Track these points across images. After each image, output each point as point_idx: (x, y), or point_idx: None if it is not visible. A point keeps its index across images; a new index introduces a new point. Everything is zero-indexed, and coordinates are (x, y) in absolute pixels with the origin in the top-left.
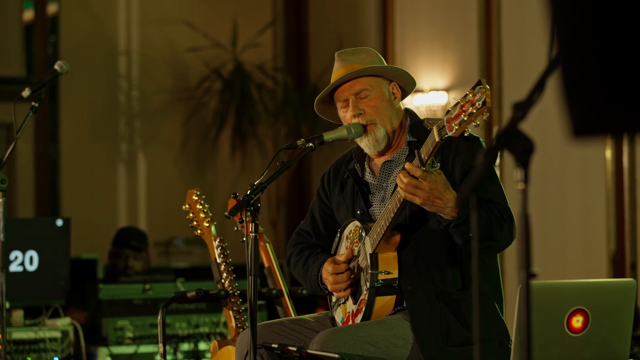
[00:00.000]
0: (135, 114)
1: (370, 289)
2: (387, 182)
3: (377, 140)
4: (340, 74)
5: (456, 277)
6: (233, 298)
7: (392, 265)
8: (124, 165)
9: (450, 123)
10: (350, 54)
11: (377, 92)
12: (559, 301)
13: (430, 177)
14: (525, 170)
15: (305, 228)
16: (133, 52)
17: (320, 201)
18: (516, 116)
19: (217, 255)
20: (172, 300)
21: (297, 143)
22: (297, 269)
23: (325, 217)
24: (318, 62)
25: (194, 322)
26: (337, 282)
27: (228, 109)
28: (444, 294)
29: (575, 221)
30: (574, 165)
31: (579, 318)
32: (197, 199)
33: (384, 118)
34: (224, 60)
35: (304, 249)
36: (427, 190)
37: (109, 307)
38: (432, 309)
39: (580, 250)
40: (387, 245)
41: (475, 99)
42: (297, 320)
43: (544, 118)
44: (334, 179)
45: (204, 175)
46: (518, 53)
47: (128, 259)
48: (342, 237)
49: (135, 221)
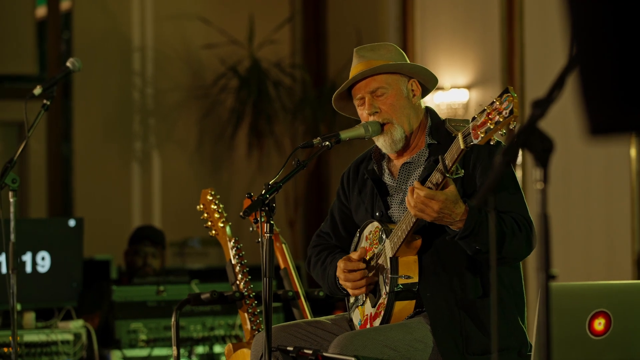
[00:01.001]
0: (149, 112)
1: (389, 293)
2: (407, 184)
3: (393, 140)
4: (358, 71)
5: (477, 284)
6: (248, 300)
7: (413, 269)
8: (138, 164)
9: (476, 130)
10: (369, 50)
11: (394, 90)
12: (580, 303)
13: (439, 196)
14: (544, 170)
15: (325, 229)
16: (147, 48)
17: (340, 202)
18: (535, 114)
19: (232, 257)
20: (185, 302)
21: (314, 142)
22: (316, 270)
23: (344, 218)
24: (336, 59)
25: (209, 324)
26: (349, 279)
27: (244, 107)
28: (463, 302)
29: (599, 221)
30: (598, 164)
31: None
32: (212, 199)
33: (401, 117)
34: (240, 57)
35: (323, 250)
36: (436, 210)
37: (122, 309)
38: (452, 316)
39: (604, 251)
40: (407, 249)
41: (503, 107)
42: (314, 323)
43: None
44: (354, 180)
45: (219, 175)
46: (541, 50)
47: (147, 257)
48: (362, 237)
49: (149, 221)
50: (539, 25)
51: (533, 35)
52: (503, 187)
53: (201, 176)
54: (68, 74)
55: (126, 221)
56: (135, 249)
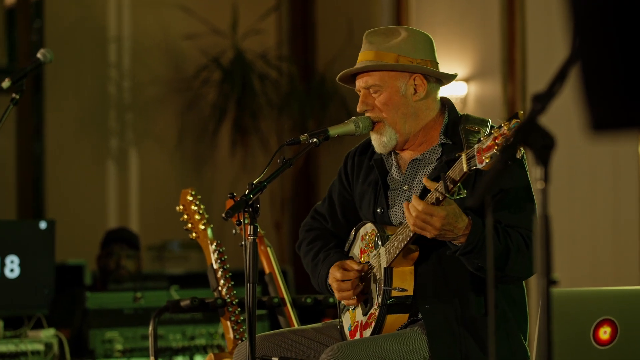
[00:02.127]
0: (126, 107)
1: (381, 306)
2: (413, 183)
3: (382, 142)
4: (362, 59)
5: (480, 301)
6: (231, 307)
7: (408, 281)
8: (114, 162)
9: (481, 155)
10: (381, 35)
11: (390, 89)
12: (585, 310)
13: (439, 211)
14: (545, 168)
15: (322, 211)
16: (124, 38)
17: (341, 184)
18: (536, 109)
19: (214, 261)
20: (164, 310)
21: (301, 138)
22: (306, 260)
23: (344, 202)
24: (326, 51)
25: (189, 333)
26: (342, 289)
27: (228, 102)
28: (465, 319)
29: (605, 223)
30: (604, 163)
31: (607, 329)
32: (192, 199)
33: (394, 116)
34: (224, 48)
35: (317, 239)
36: (438, 228)
37: (97, 317)
38: (452, 333)
39: (611, 255)
40: (404, 259)
41: (510, 133)
42: (300, 332)
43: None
44: (359, 165)
45: (201, 174)
46: (544, 40)
47: (120, 259)
48: (357, 236)
49: (126, 223)
50: (542, 14)
51: (535, 24)
52: (516, 199)
53: (181, 175)
54: (39, 65)
55: (101, 223)
56: (108, 251)
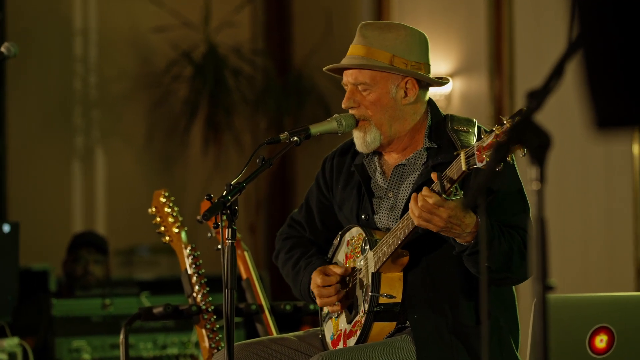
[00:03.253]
0: (92, 103)
1: (368, 313)
2: (399, 189)
3: (365, 141)
4: (352, 53)
5: (471, 309)
6: (206, 314)
7: (396, 287)
8: (79, 161)
9: (481, 153)
10: (376, 30)
11: (380, 90)
12: (580, 318)
13: (449, 203)
14: (541, 168)
15: (299, 219)
16: (91, 31)
17: (319, 190)
18: (531, 106)
19: (188, 266)
20: (136, 317)
21: (280, 137)
22: (285, 269)
23: (322, 209)
24: (303, 44)
25: (161, 342)
26: (323, 295)
27: (200, 98)
28: (456, 328)
29: (597, 227)
30: (597, 163)
31: (603, 337)
32: (166, 201)
33: (380, 118)
34: (195, 41)
35: (295, 247)
36: (444, 219)
37: (63, 325)
38: (442, 342)
39: (604, 259)
40: (392, 265)
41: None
42: (280, 340)
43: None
44: (338, 169)
45: (171, 174)
46: (533, 34)
47: (88, 264)
48: (343, 241)
49: (92, 226)
50: (531, 6)
51: (524, 16)
52: (512, 200)
53: (151, 175)
54: (3, 60)
55: (66, 226)
56: (74, 256)
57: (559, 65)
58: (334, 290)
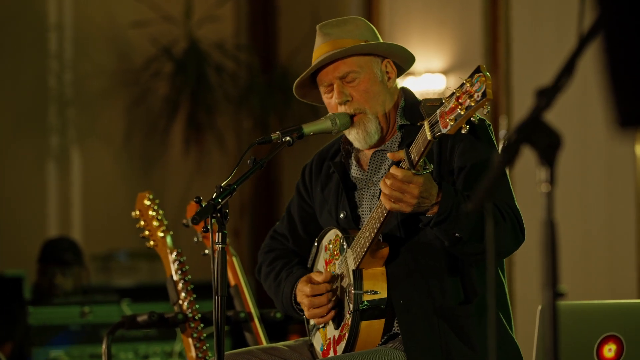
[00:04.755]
0: (68, 101)
1: (353, 312)
2: (378, 176)
3: (368, 132)
4: (323, 53)
5: (457, 288)
6: (193, 323)
7: (380, 282)
8: (55, 162)
9: (445, 118)
10: (335, 27)
11: (367, 74)
12: (588, 326)
13: (418, 179)
14: (551, 169)
15: (281, 230)
16: (66, 26)
17: (300, 198)
18: (540, 105)
19: (174, 272)
20: (119, 326)
21: (272, 137)
22: (267, 282)
23: (305, 217)
24: (289, 40)
25: (142, 351)
26: (314, 305)
27: (180, 96)
28: (443, 309)
29: (598, 231)
30: (598, 165)
31: (612, 346)
32: (150, 204)
33: (375, 105)
34: (176, 37)
35: (277, 259)
36: (416, 195)
37: (40, 334)
38: (430, 327)
39: (605, 264)
40: (373, 259)
41: (474, 89)
42: (270, 350)
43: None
44: (317, 173)
45: (151, 175)
46: (530, 29)
47: (54, 277)
48: (320, 247)
49: (68, 230)
50: (528, 1)
51: (520, 12)
52: (482, 168)
53: (129, 177)
54: None
55: (41, 230)
56: (42, 269)
57: (569, 62)
58: (326, 299)
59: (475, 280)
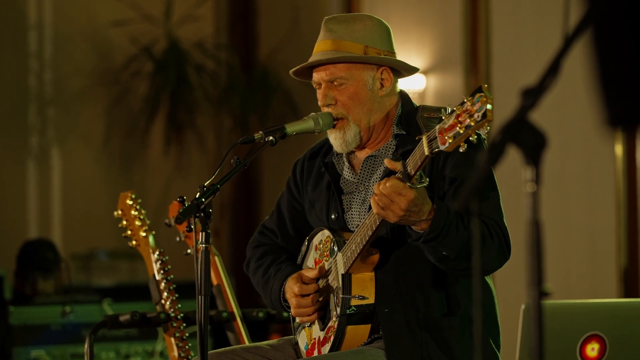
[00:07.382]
0: (48, 101)
1: (340, 316)
2: (370, 182)
3: (345, 140)
4: (320, 49)
5: (442, 300)
6: (175, 322)
7: (368, 288)
8: (34, 162)
9: (443, 135)
10: (342, 23)
11: (356, 82)
12: (571, 325)
13: (409, 192)
14: (536, 169)
15: (270, 226)
16: (46, 25)
17: (290, 194)
18: (526, 105)
19: (156, 271)
20: (101, 325)
21: (255, 136)
22: (256, 278)
23: (294, 213)
24: (269, 39)
25: (124, 351)
26: (301, 305)
27: (160, 95)
28: (426, 320)
29: (579, 230)
30: (577, 164)
31: (594, 346)
32: (132, 204)
33: (359, 113)
34: (156, 36)
35: (266, 254)
36: (403, 208)
37: (21, 334)
38: (412, 337)
39: (585, 264)
40: (363, 264)
41: (474, 108)
42: (253, 349)
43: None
44: (309, 170)
45: (131, 175)
46: (511, 28)
47: (36, 282)
48: (311, 246)
49: (48, 231)
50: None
51: (501, 11)
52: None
53: (109, 177)
54: None
55: (20, 230)
56: (23, 273)
57: (555, 62)
58: (312, 301)
59: (460, 293)
